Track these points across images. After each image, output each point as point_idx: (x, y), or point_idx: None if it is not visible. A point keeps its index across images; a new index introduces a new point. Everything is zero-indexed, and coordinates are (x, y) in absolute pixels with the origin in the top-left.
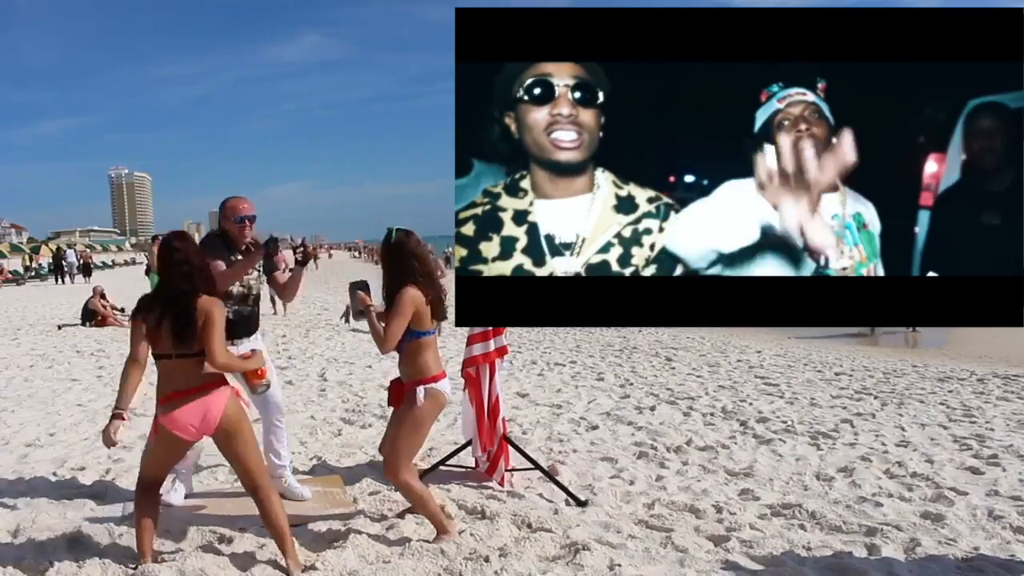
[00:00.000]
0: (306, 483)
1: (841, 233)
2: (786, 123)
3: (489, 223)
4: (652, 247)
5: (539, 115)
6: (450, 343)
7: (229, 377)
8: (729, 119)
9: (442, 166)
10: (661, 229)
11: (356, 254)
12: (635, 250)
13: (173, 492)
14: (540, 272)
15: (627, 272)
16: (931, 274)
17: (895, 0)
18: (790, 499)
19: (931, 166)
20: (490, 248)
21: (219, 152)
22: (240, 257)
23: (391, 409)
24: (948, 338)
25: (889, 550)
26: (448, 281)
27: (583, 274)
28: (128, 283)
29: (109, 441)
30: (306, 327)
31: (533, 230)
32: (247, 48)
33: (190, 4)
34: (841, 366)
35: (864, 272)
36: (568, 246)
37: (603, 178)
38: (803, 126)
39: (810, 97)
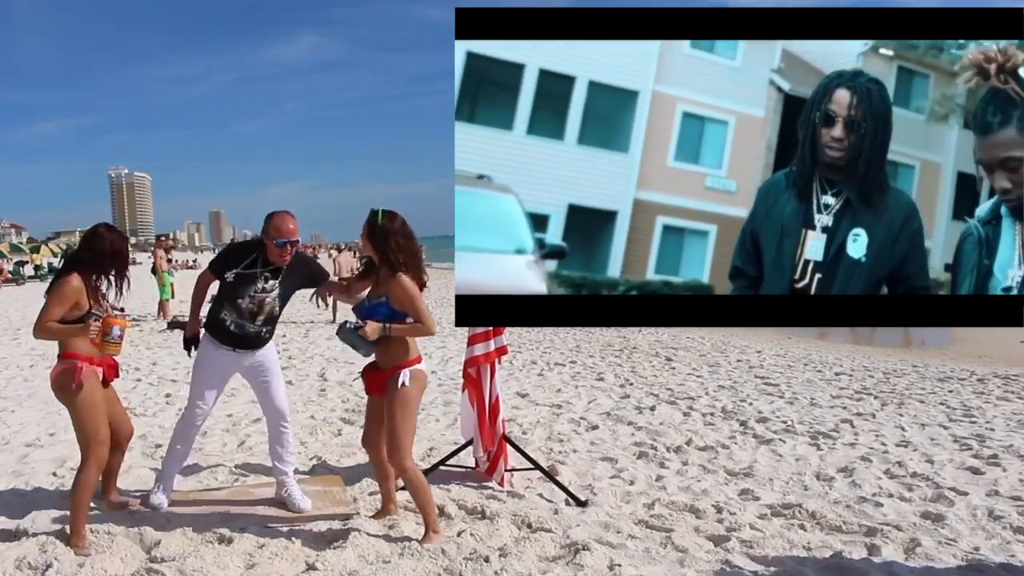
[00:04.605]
0: (306, 483)
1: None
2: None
3: None
4: None
5: None
6: (450, 343)
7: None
8: None
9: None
10: None
11: (355, 254)
12: None
13: (160, 494)
14: None
15: None
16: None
17: (895, 0)
18: (790, 499)
19: None
20: None
21: (219, 152)
22: (268, 275)
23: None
24: (948, 338)
25: (889, 550)
26: (448, 281)
27: None
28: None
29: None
30: (306, 327)
31: None
32: (246, 48)
33: (189, 4)
34: (841, 366)
35: None
36: None
37: None
38: None
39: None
